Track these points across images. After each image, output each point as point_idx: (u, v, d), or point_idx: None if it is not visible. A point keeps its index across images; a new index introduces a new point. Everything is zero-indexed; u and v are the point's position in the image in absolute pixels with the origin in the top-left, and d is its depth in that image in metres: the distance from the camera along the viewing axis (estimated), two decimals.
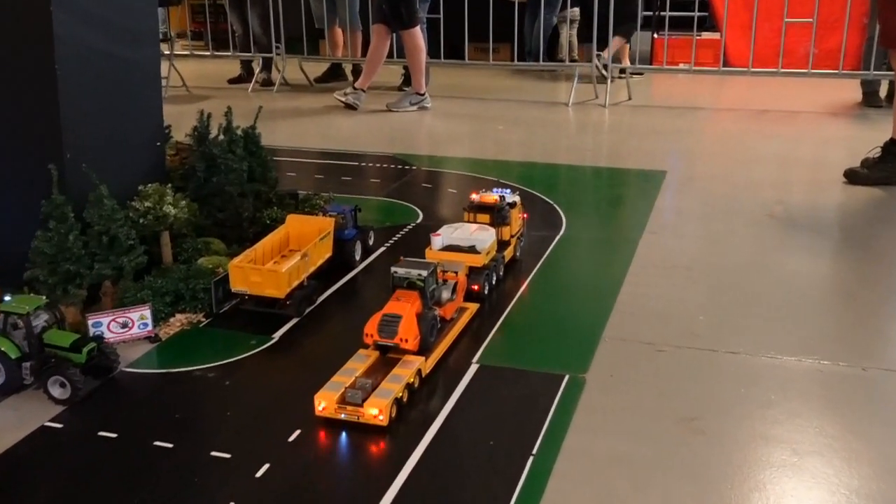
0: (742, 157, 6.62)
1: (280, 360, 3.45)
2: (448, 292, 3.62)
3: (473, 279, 3.96)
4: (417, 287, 3.44)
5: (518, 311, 3.84)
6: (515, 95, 9.36)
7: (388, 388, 3.07)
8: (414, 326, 3.34)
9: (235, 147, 4.50)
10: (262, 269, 3.74)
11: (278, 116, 8.23)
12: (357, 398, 3.01)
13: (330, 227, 4.13)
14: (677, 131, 7.55)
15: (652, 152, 6.78)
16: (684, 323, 3.72)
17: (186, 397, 3.16)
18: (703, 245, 4.73)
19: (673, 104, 9.12)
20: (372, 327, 3.36)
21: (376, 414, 2.96)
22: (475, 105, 8.87)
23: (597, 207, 5.45)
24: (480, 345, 3.51)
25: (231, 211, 4.37)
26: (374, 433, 2.95)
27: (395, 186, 5.83)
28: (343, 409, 3.00)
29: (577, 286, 4.18)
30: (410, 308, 3.37)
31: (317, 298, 3.93)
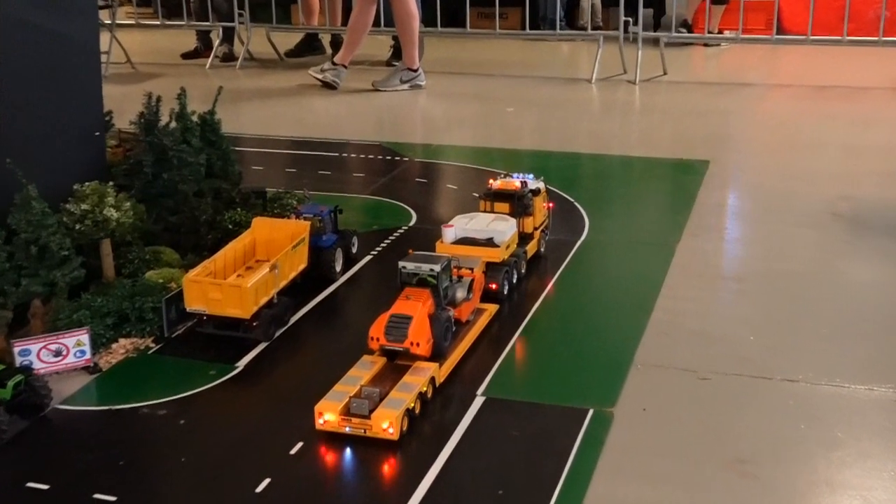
0: (800, 143, 6.64)
1: (246, 393, 3.46)
2: (463, 291, 3.68)
3: (491, 276, 4.03)
4: (429, 284, 3.50)
5: (532, 332, 3.85)
6: (527, 71, 9.38)
7: (399, 397, 3.13)
8: (426, 328, 3.39)
9: (190, 136, 4.50)
10: (222, 283, 3.74)
11: (242, 98, 8.25)
12: (363, 409, 3.06)
13: (304, 233, 4.13)
14: (722, 112, 7.57)
15: (692, 138, 6.78)
16: (732, 345, 3.72)
17: (133, 440, 3.16)
18: (754, 250, 4.73)
19: (717, 80, 9.13)
20: (378, 330, 3.41)
21: (386, 427, 3.03)
22: (479, 83, 8.89)
23: (626, 206, 5.46)
24: (486, 373, 3.52)
25: (186, 214, 4.38)
26: (384, 448, 3.01)
27: (384, 182, 5.84)
28: (348, 421, 3.05)
29: (602, 301, 4.18)
30: (422, 308, 3.43)
31: (289, 319, 3.93)
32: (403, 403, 3.10)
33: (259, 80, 9.12)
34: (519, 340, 3.77)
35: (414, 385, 3.21)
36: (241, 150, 6.09)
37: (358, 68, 9.13)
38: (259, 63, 9.94)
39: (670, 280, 4.30)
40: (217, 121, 4.70)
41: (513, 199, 4.36)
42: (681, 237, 4.80)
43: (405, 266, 3.53)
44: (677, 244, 4.71)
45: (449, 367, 3.47)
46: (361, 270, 4.47)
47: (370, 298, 4.22)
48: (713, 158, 6.15)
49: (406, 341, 3.34)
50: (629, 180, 5.99)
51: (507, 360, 3.63)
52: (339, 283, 4.31)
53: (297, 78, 8.94)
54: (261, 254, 4.17)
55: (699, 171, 5.90)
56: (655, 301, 4.08)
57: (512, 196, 4.37)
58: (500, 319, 3.88)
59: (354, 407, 3.06)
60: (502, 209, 4.35)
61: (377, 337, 3.39)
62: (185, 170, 4.38)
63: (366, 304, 4.18)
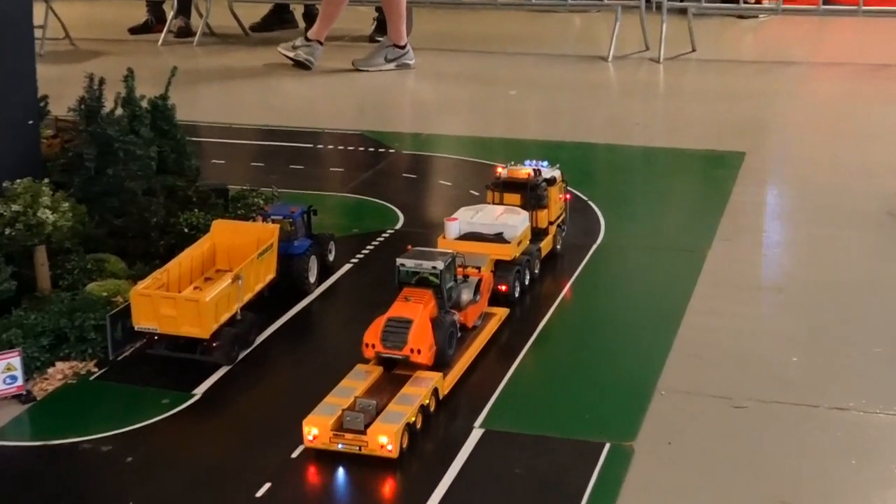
0: (851, 131, 6.63)
1: (204, 425, 3.45)
2: (469, 292, 3.74)
3: (501, 277, 4.08)
4: (431, 284, 3.55)
5: (542, 347, 3.86)
6: (533, 47, 9.38)
7: (398, 410, 3.19)
8: (428, 334, 3.46)
9: (139, 125, 4.50)
10: (177, 297, 3.74)
11: (201, 80, 8.24)
12: (358, 423, 3.12)
13: (273, 238, 4.13)
14: (760, 95, 7.57)
15: (725, 126, 6.78)
16: (772, 367, 3.72)
17: (72, 479, 3.14)
18: (797, 257, 4.74)
19: (754, 57, 9.13)
20: (373, 335, 3.46)
21: (384, 443, 3.07)
22: (477, 62, 8.89)
23: (648, 205, 5.45)
24: (489, 395, 3.51)
25: (134, 215, 4.38)
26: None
27: (366, 178, 5.83)
28: (340, 437, 3.08)
29: (620, 316, 4.18)
30: (423, 310, 3.49)
31: (255, 338, 3.93)
32: (403, 417, 3.14)
33: (220, 59, 9.11)
34: (527, 356, 3.78)
35: (415, 397, 3.25)
36: (199, 140, 6.09)
37: (335, 45, 9.12)
38: (220, 39, 9.91)
39: (700, 291, 4.30)
40: (170, 107, 4.70)
41: (525, 189, 4.40)
42: (712, 242, 4.80)
43: (404, 264, 3.58)
44: (708, 250, 4.71)
45: (454, 377, 3.52)
46: (339, 282, 4.46)
47: (350, 314, 4.22)
48: (750, 149, 6.15)
49: (405, 348, 3.39)
50: (652, 175, 5.99)
51: (513, 380, 3.64)
52: (314, 297, 4.31)
53: (265, 56, 8.92)
54: (222, 262, 4.16)
55: (733, 165, 5.90)
56: (682, 316, 4.08)
57: (524, 186, 4.40)
58: (511, 325, 3.91)
59: (348, 421, 3.11)
60: (513, 201, 4.39)
61: (373, 343, 3.44)
62: (133, 164, 4.38)
63: (344, 320, 4.17)
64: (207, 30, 9.91)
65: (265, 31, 10.19)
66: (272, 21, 10.33)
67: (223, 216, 4.53)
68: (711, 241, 4.81)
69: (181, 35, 9.95)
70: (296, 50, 8.50)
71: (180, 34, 9.96)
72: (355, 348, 3.63)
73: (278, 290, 4.21)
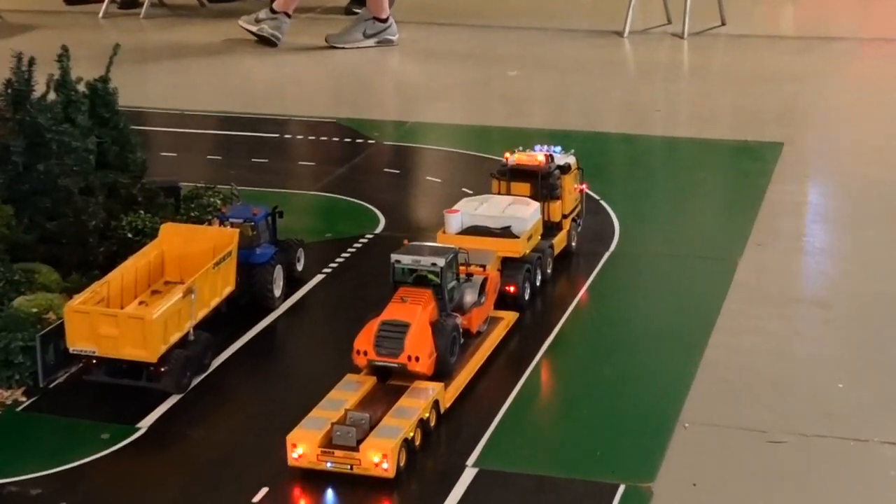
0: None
1: (150, 464, 3.44)
2: (474, 293, 3.80)
3: (508, 276, 4.14)
4: (431, 283, 3.62)
5: (549, 373, 3.86)
6: (537, 20, 9.38)
7: (394, 425, 3.25)
8: (427, 339, 3.52)
9: (75, 113, 4.49)
10: (119, 314, 3.73)
11: (148, 59, 8.24)
12: (350, 438, 3.16)
13: (231, 244, 4.13)
14: (800, 77, 7.59)
15: (759, 112, 6.79)
16: (814, 395, 3.72)
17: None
18: (843, 266, 4.74)
19: (793, 32, 9.15)
20: (366, 341, 3.52)
21: (378, 461, 3.12)
22: (471, 37, 8.89)
23: (670, 205, 5.46)
24: (480, 436, 3.50)
25: (69, 218, 4.36)
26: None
27: (341, 174, 5.83)
28: (329, 455, 3.13)
29: (637, 336, 4.18)
30: (422, 312, 3.55)
31: (210, 362, 3.93)
32: (400, 432, 3.19)
33: (171, 34, 9.10)
34: (532, 378, 3.78)
35: (413, 410, 3.31)
36: (146, 129, 6.09)
37: (306, 18, 9.13)
38: (171, 10, 9.91)
39: (730, 307, 4.30)
40: (112, 91, 4.69)
41: (535, 177, 4.45)
42: (744, 248, 4.81)
43: (399, 260, 3.64)
44: (739, 257, 4.72)
45: (456, 389, 3.57)
46: (309, 295, 4.45)
47: (321, 333, 4.21)
48: (788, 140, 6.17)
49: (402, 355, 3.46)
50: (674, 170, 6.00)
51: (517, 403, 3.64)
52: (279, 313, 4.30)
53: (224, 31, 8.92)
54: (171, 273, 4.15)
55: (769, 158, 5.91)
56: (710, 335, 4.08)
57: (534, 174, 4.45)
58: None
59: (338, 436, 3.16)
60: (522, 191, 4.44)
61: (364, 350, 3.50)
62: (68, 158, 4.37)
63: (315, 341, 4.17)
64: (157, 0, 9.89)
65: (224, 2, 10.18)
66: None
67: (173, 219, 4.52)
68: (743, 247, 4.82)
69: (126, 6, 9.94)
70: (259, 24, 8.50)
71: (125, 5, 9.95)
72: (328, 373, 3.63)
73: (238, 306, 4.20)
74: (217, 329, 4.02)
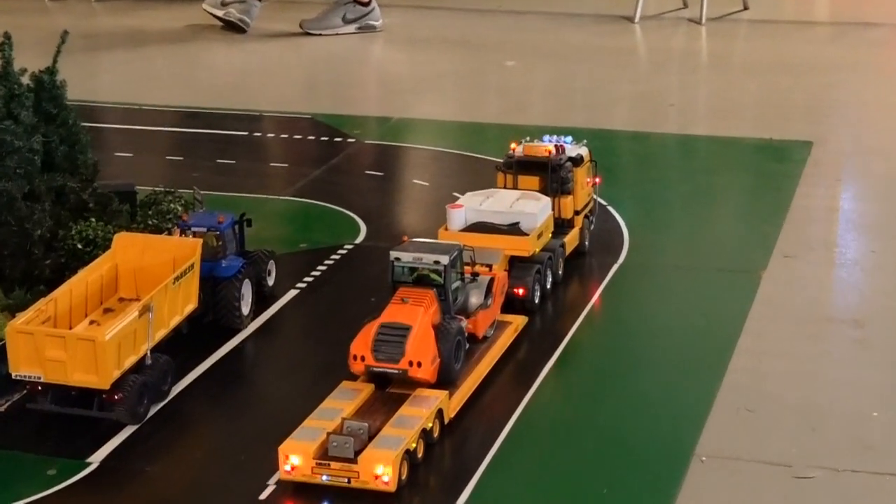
0: None
1: (103, 503, 3.43)
2: (479, 295, 3.89)
3: (517, 277, 4.23)
4: (433, 283, 3.71)
5: (551, 402, 3.85)
6: (538, 3, 9.38)
7: (395, 435, 3.33)
8: (430, 343, 3.59)
9: (18, 108, 4.47)
10: (67, 335, 3.71)
11: (100, 47, 8.22)
12: (347, 449, 3.25)
13: (194, 256, 4.12)
14: (831, 68, 7.58)
15: (786, 107, 6.78)
16: (846, 425, 3.71)
17: None
18: (879, 279, 4.74)
19: (823, 17, 9.13)
20: (363, 345, 3.60)
21: (380, 473, 3.21)
22: (463, 22, 8.88)
23: (686, 211, 5.45)
24: (472, 475, 3.49)
25: (11, 226, 4.35)
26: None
27: (317, 176, 5.83)
28: (325, 467, 3.24)
29: (649, 359, 4.18)
30: (423, 314, 3.63)
31: (170, 389, 3.91)
32: (402, 442, 3.26)
33: (127, 19, 9.09)
34: (532, 406, 3.78)
35: (415, 419, 3.38)
36: (99, 127, 6.07)
37: (279, 1, 9.13)
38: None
39: (753, 326, 4.30)
40: (60, 84, 4.67)
41: (545, 169, 4.51)
42: (769, 260, 4.81)
43: (399, 258, 3.72)
44: (764, 270, 4.71)
45: (462, 397, 3.64)
46: (282, 313, 4.44)
47: (294, 356, 4.21)
48: (818, 138, 6.17)
49: (403, 360, 3.54)
50: (691, 172, 5.99)
51: (519, 429, 3.65)
52: (247, 334, 4.29)
53: (187, 15, 8.91)
54: (126, 289, 4.15)
55: (797, 158, 5.92)
56: (730, 358, 4.07)
57: (544, 166, 4.52)
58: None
59: (335, 447, 3.25)
60: (530, 185, 4.52)
61: (362, 355, 3.57)
62: (10, 159, 4.35)
63: (287, 365, 4.15)
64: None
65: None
66: None
67: (129, 227, 4.50)
68: (768, 258, 4.82)
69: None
70: (226, 7, 8.49)
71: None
72: (301, 401, 3.63)
73: (201, 325, 4.19)
74: (177, 352, 4.00)
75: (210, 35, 8.46)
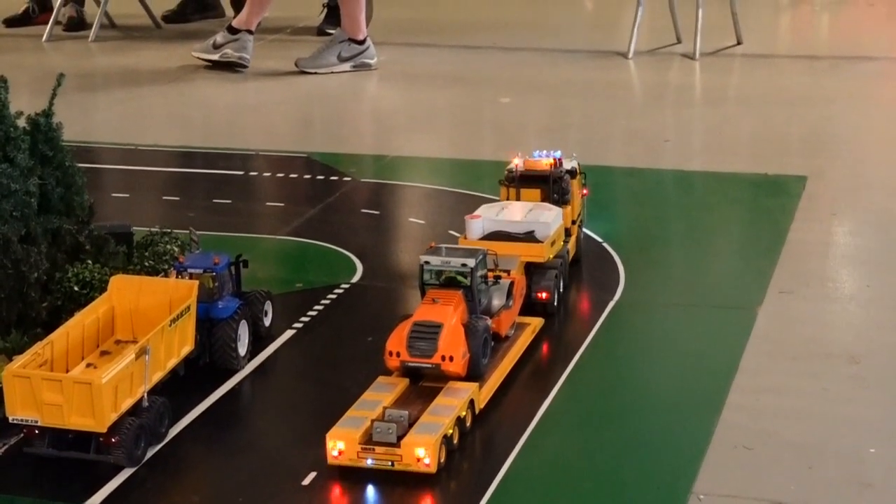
0: None
1: None
2: (501, 297, 4.19)
3: (538, 282, 4.53)
4: (460, 285, 3.93)
5: (545, 437, 3.85)
6: (532, 40, 9.42)
7: (433, 421, 3.57)
8: (460, 339, 3.84)
9: (14, 151, 4.47)
10: (64, 379, 3.70)
11: (97, 87, 8.24)
12: (390, 435, 3.50)
13: (190, 298, 4.12)
14: (826, 101, 7.61)
15: (781, 142, 6.81)
16: (844, 462, 3.70)
17: None
18: (876, 315, 4.73)
19: (817, 51, 9.16)
20: (398, 342, 3.85)
21: (422, 456, 3.43)
22: (458, 59, 8.92)
23: (682, 248, 5.46)
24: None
25: (7, 269, 4.35)
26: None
27: (313, 215, 5.84)
28: (370, 451, 3.49)
29: (645, 395, 4.18)
30: (453, 313, 3.87)
31: (167, 431, 3.91)
32: (441, 428, 3.55)
33: (123, 59, 9.13)
34: (528, 443, 3.79)
35: (450, 408, 3.67)
36: (95, 168, 6.09)
37: (274, 39, 9.16)
38: (123, 32, 9.94)
39: (749, 362, 4.30)
40: (56, 126, 4.67)
41: (546, 182, 4.81)
42: (764, 296, 4.81)
43: (428, 261, 4.01)
44: (759, 307, 4.72)
45: (489, 391, 3.91)
46: (278, 354, 4.44)
47: (292, 398, 4.20)
48: (813, 173, 6.18)
49: (436, 355, 3.82)
50: (686, 208, 6.00)
51: (501, 486, 3.62)
52: (244, 375, 4.29)
53: (181, 55, 8.94)
54: (123, 331, 4.15)
55: (792, 193, 5.93)
56: (726, 395, 4.07)
57: (546, 178, 4.81)
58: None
59: (378, 433, 3.54)
60: (532, 197, 4.80)
61: (397, 351, 3.86)
62: (7, 202, 4.36)
63: (285, 406, 4.15)
64: (106, 20, 9.94)
65: (182, 22, 10.23)
66: (191, 8, 10.38)
67: (125, 269, 4.50)
68: (763, 294, 4.82)
69: (72, 27, 9.98)
70: (220, 49, 8.48)
71: (71, 26, 9.98)
72: (299, 444, 3.65)
73: (197, 367, 4.19)
74: (174, 394, 4.00)
75: (205, 74, 8.47)
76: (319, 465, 3.60)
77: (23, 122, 4.62)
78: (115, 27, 9.97)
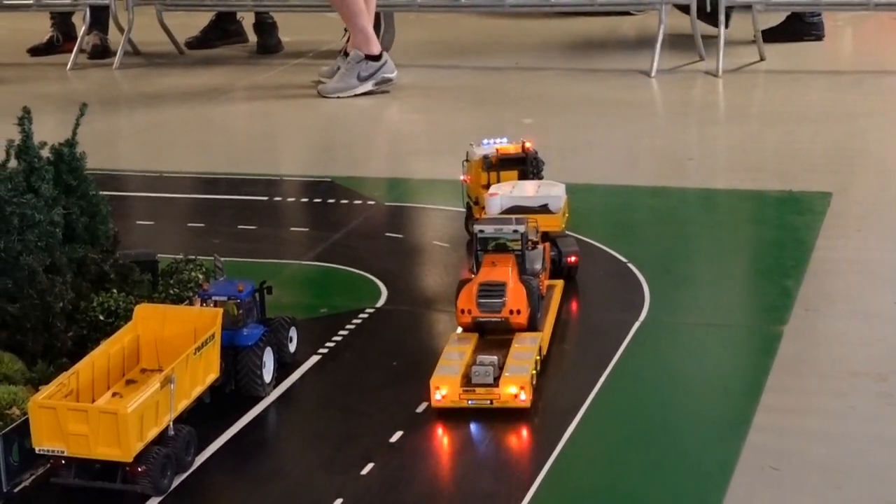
0: None
1: None
2: (539, 261, 4.65)
3: (568, 248, 5.05)
4: (510, 249, 4.51)
5: (570, 460, 3.83)
6: (554, 60, 9.42)
7: (520, 363, 4.13)
8: (522, 295, 4.36)
9: (39, 181, 4.49)
10: (90, 409, 3.72)
11: (121, 115, 8.27)
12: (488, 377, 4.05)
13: (215, 325, 4.13)
14: (850, 117, 7.60)
15: (806, 158, 6.80)
16: (871, 481, 3.68)
17: None
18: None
19: (841, 67, 9.14)
20: (468, 300, 4.36)
21: (516, 393, 4.00)
22: (480, 79, 8.93)
23: (706, 266, 5.45)
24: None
25: (33, 299, 4.36)
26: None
27: (337, 240, 5.85)
28: (471, 392, 4.03)
29: (671, 417, 4.16)
30: (512, 273, 4.41)
31: (193, 460, 3.91)
32: (529, 368, 4.09)
33: (147, 85, 9.16)
34: (551, 466, 3.78)
35: (529, 353, 4.21)
36: (119, 196, 6.10)
37: (297, 63, 9.19)
38: (147, 59, 9.98)
39: (776, 382, 4.28)
40: (80, 156, 4.70)
41: (525, 162, 5.36)
42: (790, 315, 4.79)
43: (483, 229, 4.55)
44: (784, 326, 4.70)
45: (547, 339, 4.43)
46: (303, 381, 4.44)
47: (317, 425, 4.19)
48: (838, 189, 6.17)
49: (504, 310, 4.33)
50: (711, 226, 5.99)
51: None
52: (269, 402, 4.29)
53: (204, 80, 8.98)
54: (148, 360, 4.16)
55: (817, 210, 5.91)
56: (752, 415, 4.06)
57: (522, 160, 5.36)
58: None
59: (477, 376, 4.06)
60: (511, 177, 5.30)
61: (469, 308, 4.35)
62: (31, 233, 4.37)
63: (310, 433, 4.14)
64: (130, 47, 9.98)
65: (205, 48, 10.27)
66: (214, 34, 10.42)
67: (150, 297, 4.52)
68: (789, 313, 4.81)
69: (97, 55, 10.03)
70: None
71: (96, 54, 10.03)
72: (325, 471, 3.65)
73: (222, 395, 4.20)
74: (199, 422, 4.01)
75: (228, 100, 8.52)
76: (346, 492, 3.60)
77: (46, 152, 4.64)
78: (139, 54, 10.01)
